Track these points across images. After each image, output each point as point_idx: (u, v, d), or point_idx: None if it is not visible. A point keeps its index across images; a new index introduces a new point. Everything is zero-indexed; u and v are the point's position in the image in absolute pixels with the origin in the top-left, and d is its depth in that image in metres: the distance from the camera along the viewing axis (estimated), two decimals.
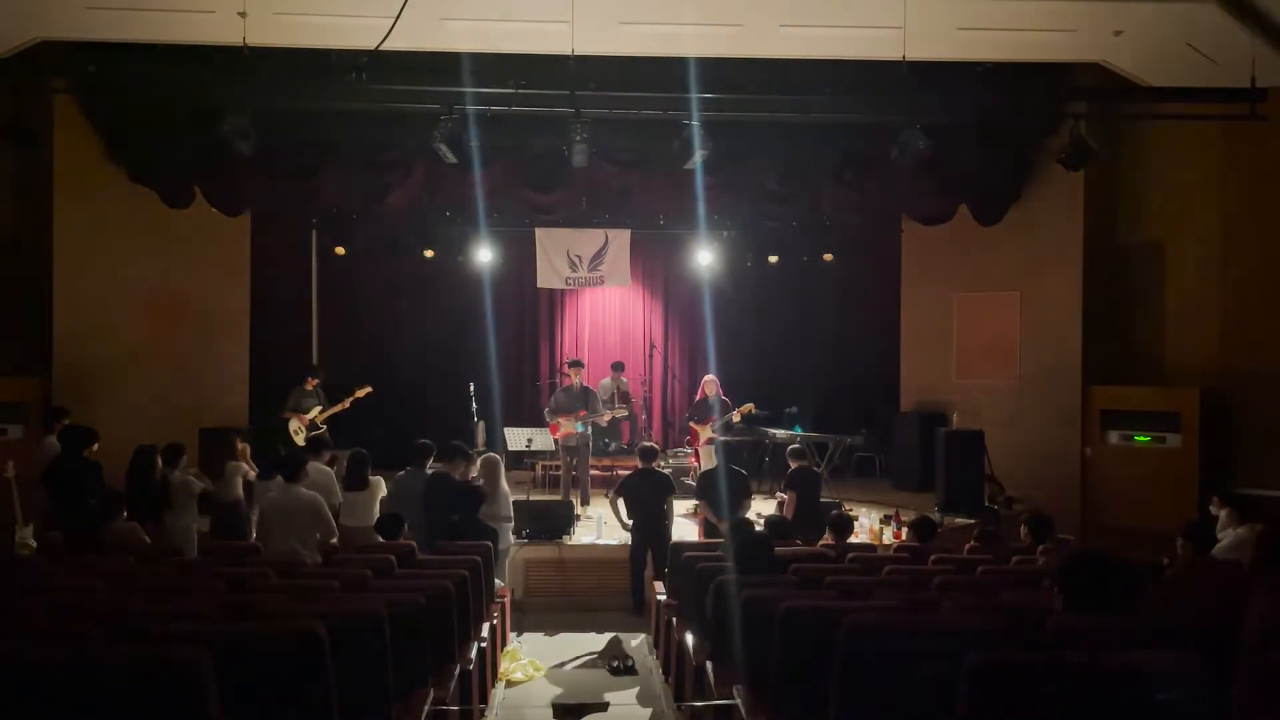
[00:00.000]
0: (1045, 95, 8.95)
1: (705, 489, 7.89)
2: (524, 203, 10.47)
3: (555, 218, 11.12)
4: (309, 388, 9.75)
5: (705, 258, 11.75)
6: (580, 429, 9.81)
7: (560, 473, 10.30)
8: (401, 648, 3.81)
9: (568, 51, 6.78)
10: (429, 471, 7.26)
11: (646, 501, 7.80)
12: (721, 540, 6.60)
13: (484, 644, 5.52)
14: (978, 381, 11.30)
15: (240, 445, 7.96)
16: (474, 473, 7.39)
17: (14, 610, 3.68)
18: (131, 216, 10.07)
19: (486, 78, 7.70)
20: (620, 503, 7.88)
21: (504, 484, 7.45)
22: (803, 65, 8.20)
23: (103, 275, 9.97)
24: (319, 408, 9.67)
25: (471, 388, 11.17)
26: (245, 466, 7.73)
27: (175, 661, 2.52)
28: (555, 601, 8.20)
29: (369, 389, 9.94)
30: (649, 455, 8.06)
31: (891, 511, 9.02)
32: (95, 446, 7.10)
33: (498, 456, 7.69)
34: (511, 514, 7.51)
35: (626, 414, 11.16)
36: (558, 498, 9.72)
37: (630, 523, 7.86)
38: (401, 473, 7.39)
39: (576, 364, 10.43)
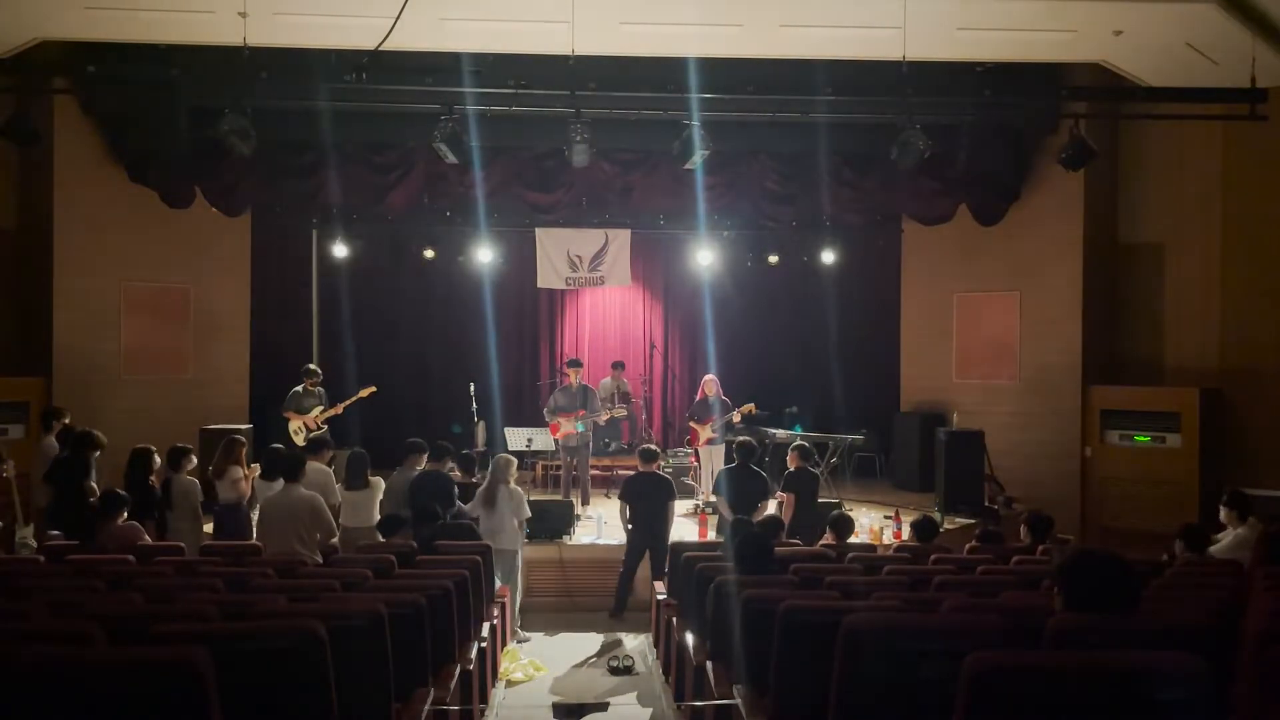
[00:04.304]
0: (1045, 95, 8.96)
1: (723, 488, 7.85)
2: (524, 203, 10.49)
3: (555, 218, 11.13)
4: (309, 388, 9.73)
5: (705, 258, 11.75)
6: (580, 429, 9.81)
7: (560, 473, 10.30)
8: (401, 648, 3.82)
9: (568, 51, 6.78)
10: (418, 470, 7.32)
11: (649, 503, 7.78)
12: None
13: (484, 644, 5.52)
14: (978, 381, 11.30)
15: (240, 447, 7.93)
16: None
17: (14, 610, 3.68)
18: (131, 216, 10.06)
19: (486, 78, 7.71)
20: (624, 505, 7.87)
21: (510, 486, 7.26)
22: (803, 65, 8.20)
23: (103, 275, 9.96)
24: (319, 407, 9.66)
25: (471, 388, 11.18)
26: (242, 470, 7.69)
27: (175, 661, 2.52)
28: (555, 601, 8.20)
29: (373, 389, 9.91)
30: (649, 457, 8.06)
31: (891, 511, 9.02)
32: (98, 454, 7.09)
33: (509, 458, 7.47)
34: (520, 516, 7.31)
35: (626, 414, 11.17)
36: (558, 498, 9.72)
37: (631, 525, 7.85)
38: (394, 472, 7.48)
39: (575, 364, 10.42)
